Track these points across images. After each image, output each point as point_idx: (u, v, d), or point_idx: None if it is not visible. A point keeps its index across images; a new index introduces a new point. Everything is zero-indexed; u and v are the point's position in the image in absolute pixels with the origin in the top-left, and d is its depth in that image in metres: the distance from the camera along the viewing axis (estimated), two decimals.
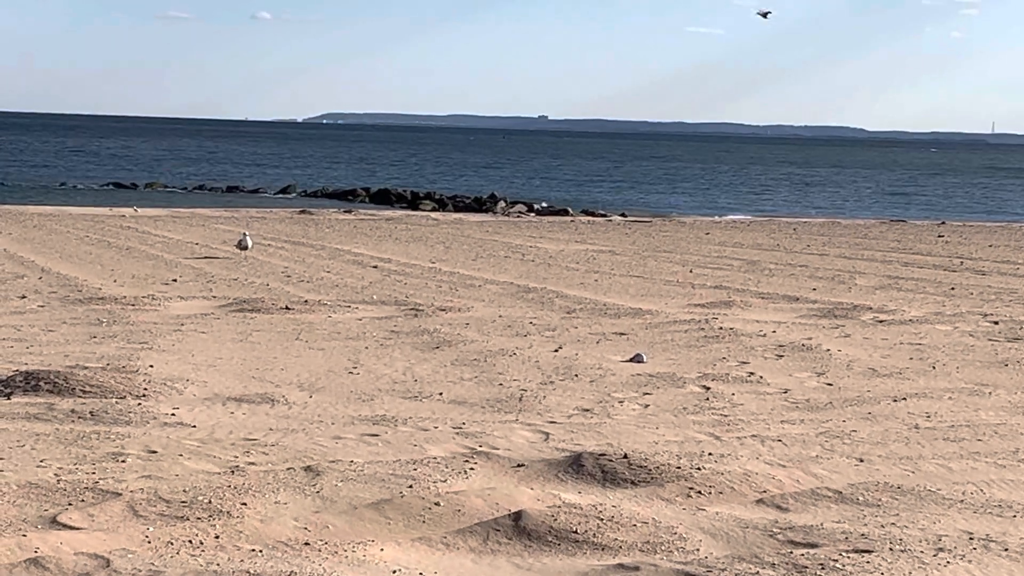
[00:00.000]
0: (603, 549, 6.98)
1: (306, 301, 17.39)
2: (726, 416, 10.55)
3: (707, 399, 11.27)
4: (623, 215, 47.98)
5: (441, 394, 11.24)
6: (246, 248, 25.12)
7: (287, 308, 16.59)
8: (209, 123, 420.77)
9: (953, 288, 21.32)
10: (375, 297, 18.31)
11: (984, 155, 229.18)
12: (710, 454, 9.05)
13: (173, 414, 10.09)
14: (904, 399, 11.42)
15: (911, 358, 13.74)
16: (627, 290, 20.12)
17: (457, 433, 9.67)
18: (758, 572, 6.54)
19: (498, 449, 9.13)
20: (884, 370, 12.91)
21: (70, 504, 7.44)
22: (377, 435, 9.53)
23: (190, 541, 6.86)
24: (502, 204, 49.92)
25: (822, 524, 7.44)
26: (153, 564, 6.44)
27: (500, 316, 16.51)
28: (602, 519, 7.29)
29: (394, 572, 6.58)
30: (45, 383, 10.82)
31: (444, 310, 16.89)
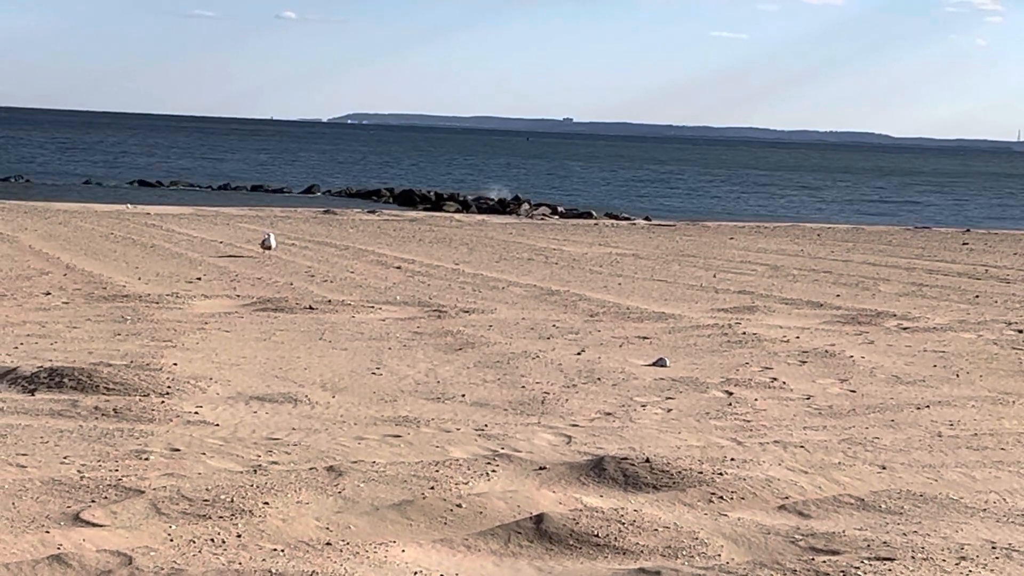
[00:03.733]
0: (624, 553, 6.97)
1: (329, 301, 17.41)
2: (748, 422, 10.54)
3: (730, 404, 11.25)
4: (647, 219, 47.95)
5: (464, 396, 11.25)
6: (270, 247, 25.17)
7: (311, 308, 16.62)
8: (234, 122, 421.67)
9: (977, 296, 21.25)
10: (398, 298, 18.33)
11: (1010, 162, 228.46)
12: (732, 459, 9.03)
13: (196, 412, 10.11)
14: (927, 407, 11.39)
15: (935, 366, 13.70)
16: (650, 294, 20.11)
17: (479, 435, 9.68)
18: None
19: (520, 452, 9.13)
20: (907, 377, 12.88)
21: (93, 501, 7.47)
22: (399, 436, 9.55)
23: (212, 540, 6.88)
24: (526, 206, 49.91)
25: (844, 531, 7.43)
26: (175, 562, 6.46)
27: (523, 318, 16.51)
28: (623, 523, 7.29)
29: (415, 573, 6.58)
30: (69, 380, 10.86)
31: (467, 312, 16.90)
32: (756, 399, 11.50)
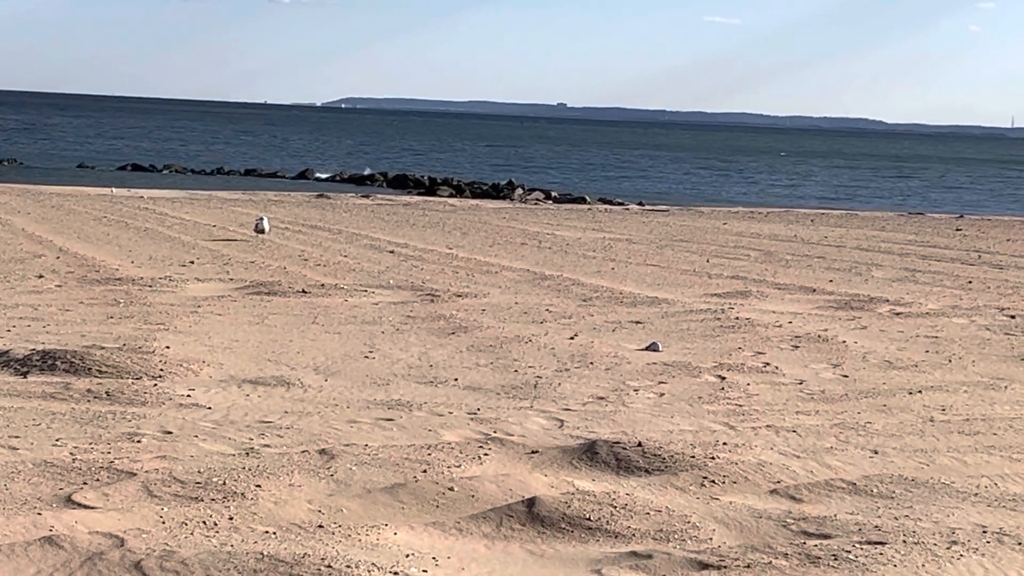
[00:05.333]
0: (616, 537, 6.98)
1: (323, 285, 17.41)
2: (741, 406, 10.55)
3: (722, 389, 11.26)
4: (640, 204, 47.93)
5: (456, 380, 11.25)
6: (263, 231, 25.15)
7: (304, 292, 16.61)
8: (228, 106, 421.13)
9: (970, 282, 21.27)
10: (391, 282, 18.33)
11: (1004, 148, 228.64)
12: (724, 444, 9.04)
13: (189, 395, 10.12)
14: (920, 392, 11.40)
15: (927, 351, 13.71)
16: (644, 279, 20.11)
17: (472, 419, 9.68)
18: (771, 562, 6.54)
19: (512, 435, 9.13)
20: (900, 363, 12.90)
21: (85, 483, 7.47)
22: (392, 419, 9.55)
23: (204, 522, 6.88)
24: (519, 191, 49.86)
25: (836, 515, 7.44)
26: (167, 544, 6.46)
27: (516, 303, 16.51)
28: (615, 507, 7.30)
29: (407, 556, 6.58)
30: (61, 362, 10.86)
31: (460, 296, 16.90)
32: (748, 384, 11.51)
